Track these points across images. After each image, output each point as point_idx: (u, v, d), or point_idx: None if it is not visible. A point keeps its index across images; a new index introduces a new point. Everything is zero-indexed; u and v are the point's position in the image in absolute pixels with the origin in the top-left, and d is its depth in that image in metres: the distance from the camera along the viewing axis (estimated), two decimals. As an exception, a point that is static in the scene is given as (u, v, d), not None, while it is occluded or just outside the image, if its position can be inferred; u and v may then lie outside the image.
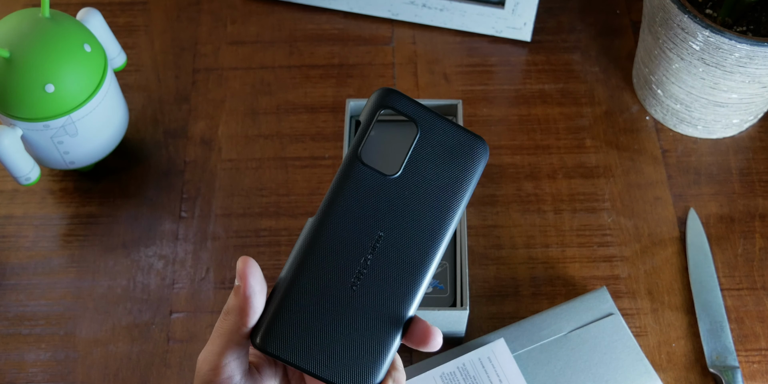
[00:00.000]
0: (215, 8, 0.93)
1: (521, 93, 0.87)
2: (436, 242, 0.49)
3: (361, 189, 0.49)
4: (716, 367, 0.71)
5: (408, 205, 0.49)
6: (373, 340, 0.48)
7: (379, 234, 0.48)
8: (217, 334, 0.48)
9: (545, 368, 0.69)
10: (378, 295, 0.48)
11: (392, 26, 0.92)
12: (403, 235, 0.49)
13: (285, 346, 0.47)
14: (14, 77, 0.71)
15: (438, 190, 0.49)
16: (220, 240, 0.79)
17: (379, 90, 0.49)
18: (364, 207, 0.48)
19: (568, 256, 0.78)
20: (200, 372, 0.48)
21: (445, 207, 0.49)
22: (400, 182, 0.49)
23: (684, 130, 0.84)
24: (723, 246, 0.78)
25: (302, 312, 0.47)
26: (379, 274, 0.48)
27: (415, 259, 0.49)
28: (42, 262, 0.79)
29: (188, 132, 0.85)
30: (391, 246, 0.48)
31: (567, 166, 0.83)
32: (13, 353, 0.74)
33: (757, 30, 0.78)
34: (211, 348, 0.48)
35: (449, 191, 0.49)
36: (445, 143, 0.49)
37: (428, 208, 0.49)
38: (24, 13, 0.73)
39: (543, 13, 0.92)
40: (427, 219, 0.49)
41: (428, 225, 0.49)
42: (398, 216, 0.49)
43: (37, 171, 0.77)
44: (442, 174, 0.49)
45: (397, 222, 0.49)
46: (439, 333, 0.48)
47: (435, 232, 0.49)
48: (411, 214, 0.49)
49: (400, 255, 0.48)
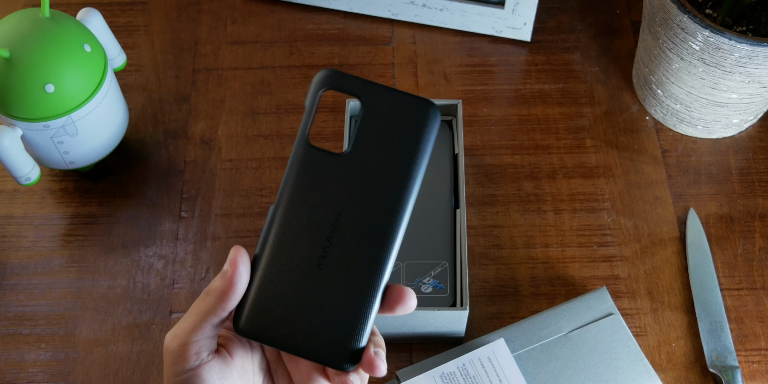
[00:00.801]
0: (215, 8, 0.93)
1: (521, 93, 0.87)
2: (399, 210, 0.49)
3: (313, 171, 0.49)
4: (716, 367, 0.71)
5: (364, 179, 0.49)
6: (351, 311, 0.49)
7: (338, 211, 0.49)
8: (192, 312, 0.49)
9: (545, 368, 0.69)
10: (347, 267, 0.49)
11: (392, 26, 0.92)
12: (363, 209, 0.49)
13: (265, 329, 0.48)
14: (14, 77, 0.71)
15: (392, 160, 0.49)
16: (220, 240, 0.79)
17: (319, 72, 0.49)
18: (318, 188, 0.49)
19: (568, 256, 0.78)
20: (169, 347, 0.49)
21: (403, 175, 0.49)
22: (352, 159, 0.49)
23: (684, 130, 0.84)
24: (723, 246, 0.78)
25: (278, 296, 0.49)
26: (345, 248, 0.49)
27: (379, 229, 0.49)
28: (42, 262, 0.79)
29: (188, 132, 0.85)
30: (353, 221, 0.49)
31: (567, 166, 0.83)
32: (13, 353, 0.74)
33: (757, 30, 0.78)
34: (184, 325, 0.49)
35: (404, 159, 0.49)
36: (393, 113, 0.49)
37: (385, 179, 0.49)
38: (24, 13, 0.73)
39: (543, 13, 0.92)
40: (385, 190, 0.49)
41: (388, 195, 0.49)
42: (356, 191, 0.49)
43: (37, 171, 0.77)
44: (394, 144, 0.49)
45: (355, 197, 0.49)
46: (413, 293, 0.49)
47: (396, 201, 0.49)
48: (368, 188, 0.49)
49: (363, 227, 0.49)
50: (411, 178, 0.49)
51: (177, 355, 0.48)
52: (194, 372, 0.48)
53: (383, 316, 0.68)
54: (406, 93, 0.49)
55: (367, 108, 0.49)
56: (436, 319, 0.69)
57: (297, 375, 0.51)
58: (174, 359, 0.49)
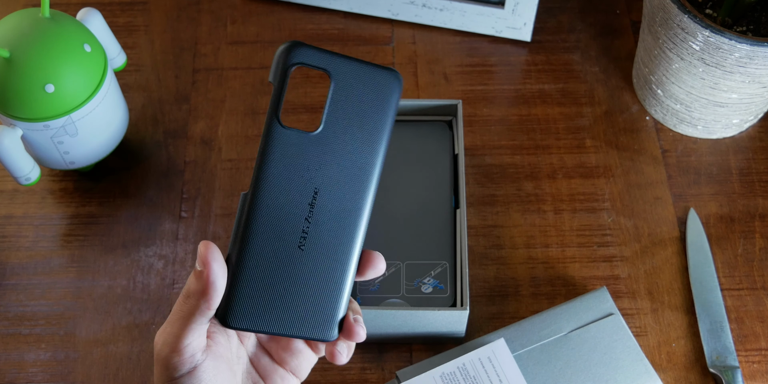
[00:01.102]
0: (215, 8, 0.93)
1: (521, 93, 0.87)
2: (368, 181, 0.50)
3: (287, 151, 0.49)
4: (716, 367, 0.71)
5: (336, 155, 0.49)
6: (330, 285, 0.50)
7: (314, 190, 0.49)
8: (177, 316, 0.48)
9: (545, 368, 0.69)
10: (325, 246, 0.49)
11: (392, 26, 0.92)
12: (337, 186, 0.49)
13: (252, 318, 0.49)
14: (14, 77, 0.71)
15: (359, 132, 0.50)
16: (220, 240, 0.79)
17: (283, 45, 0.49)
18: (294, 168, 0.49)
19: (568, 256, 0.78)
20: (161, 354, 0.49)
21: (369, 145, 0.50)
22: (324, 136, 0.49)
23: (684, 130, 0.84)
24: (723, 246, 0.78)
25: (260, 283, 0.49)
26: (323, 227, 0.49)
27: (352, 203, 0.50)
28: (42, 262, 0.79)
29: (188, 132, 0.85)
30: (329, 198, 0.49)
31: (567, 166, 0.83)
32: (13, 353, 0.74)
33: (757, 30, 0.78)
34: (171, 330, 0.48)
35: (370, 129, 0.50)
36: (359, 85, 0.49)
37: (354, 152, 0.50)
38: (24, 13, 0.73)
39: (543, 13, 0.92)
40: (355, 163, 0.50)
41: (358, 168, 0.50)
42: (329, 169, 0.49)
43: (37, 171, 0.77)
44: (360, 116, 0.49)
45: (329, 175, 0.49)
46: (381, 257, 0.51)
47: (365, 172, 0.50)
48: (341, 164, 0.49)
49: (338, 204, 0.50)
50: (377, 147, 0.50)
51: (169, 362, 0.48)
52: (191, 374, 0.48)
53: (383, 317, 0.68)
54: (371, 64, 0.50)
55: (337, 83, 0.49)
56: (436, 319, 0.69)
57: (279, 351, 0.52)
58: (166, 365, 0.48)
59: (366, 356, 0.73)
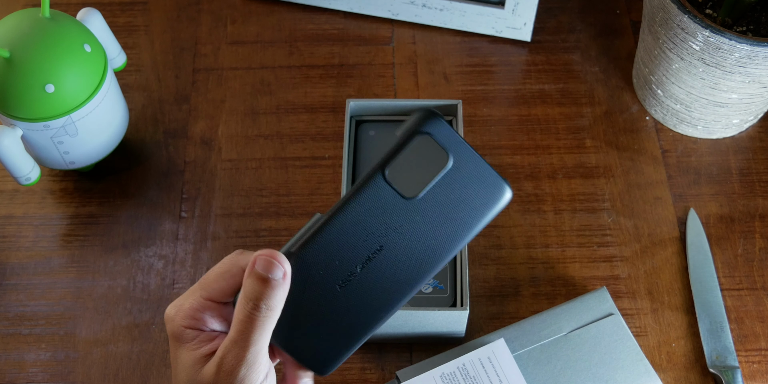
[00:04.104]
0: (215, 8, 0.93)
1: (521, 93, 0.87)
2: (429, 266, 0.51)
3: (375, 202, 0.50)
4: (716, 367, 0.71)
5: (416, 228, 0.50)
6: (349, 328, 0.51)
7: (378, 247, 0.50)
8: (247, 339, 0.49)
9: (545, 368, 0.69)
10: (361, 297, 0.51)
11: (392, 26, 0.92)
12: (400, 255, 0.51)
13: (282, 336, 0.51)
14: (14, 77, 0.71)
15: (449, 223, 0.50)
16: (220, 240, 0.79)
17: (423, 112, 0.50)
18: (372, 218, 0.50)
19: (568, 256, 0.78)
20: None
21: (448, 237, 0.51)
22: (416, 207, 0.50)
23: (684, 130, 0.84)
24: (723, 246, 0.78)
25: (290, 299, 0.50)
26: (366, 284, 0.51)
27: (404, 276, 0.51)
28: (42, 262, 0.79)
29: (188, 132, 0.85)
30: (386, 261, 0.51)
31: (567, 166, 0.83)
32: (13, 353, 0.74)
33: (757, 30, 0.78)
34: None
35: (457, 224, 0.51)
36: (471, 180, 0.50)
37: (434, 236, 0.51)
38: (24, 13, 0.73)
39: (543, 13, 0.92)
40: (428, 246, 0.51)
41: (428, 252, 0.51)
42: (403, 236, 0.50)
43: (37, 171, 0.77)
44: (458, 208, 0.50)
45: (399, 241, 0.51)
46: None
47: (431, 258, 0.51)
48: (416, 238, 0.51)
49: (391, 272, 0.51)
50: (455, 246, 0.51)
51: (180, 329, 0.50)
52: None
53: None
54: (490, 166, 0.50)
55: (453, 167, 0.50)
56: (436, 319, 0.69)
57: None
58: None
59: (366, 356, 0.73)
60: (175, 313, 0.50)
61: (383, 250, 0.50)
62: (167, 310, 0.51)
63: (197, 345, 0.50)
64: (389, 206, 0.50)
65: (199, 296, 0.51)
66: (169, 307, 0.51)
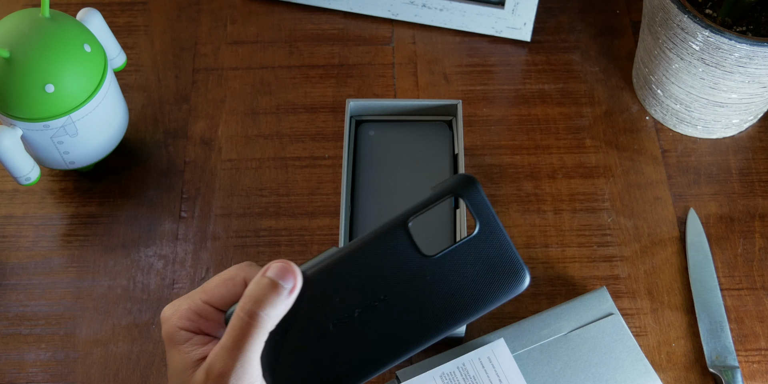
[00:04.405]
0: (215, 8, 0.93)
1: (521, 93, 0.87)
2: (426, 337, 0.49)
3: (391, 249, 0.49)
4: (716, 367, 0.71)
5: (423, 288, 0.49)
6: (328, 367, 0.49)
7: (382, 296, 0.49)
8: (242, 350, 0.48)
9: (545, 368, 0.69)
10: (350, 340, 0.49)
11: (392, 26, 0.92)
12: (400, 311, 0.49)
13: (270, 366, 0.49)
14: (14, 77, 0.71)
15: (459, 293, 0.49)
16: (220, 240, 0.79)
17: (463, 176, 0.49)
18: (383, 265, 0.49)
19: (568, 256, 0.78)
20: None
21: (456, 311, 0.49)
22: (430, 265, 0.49)
23: (684, 130, 0.84)
24: (723, 246, 0.78)
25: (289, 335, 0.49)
26: (360, 331, 0.49)
27: (396, 339, 0.49)
28: (42, 262, 0.79)
29: (188, 132, 0.85)
30: (384, 313, 0.49)
31: (567, 166, 0.83)
32: (13, 353, 0.74)
33: (757, 30, 0.78)
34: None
35: (469, 300, 0.49)
36: (492, 255, 0.49)
37: (440, 301, 0.49)
38: (24, 13, 0.73)
39: (543, 13, 0.92)
40: (433, 310, 0.49)
41: (427, 318, 0.49)
42: (408, 292, 0.49)
43: (37, 171, 0.77)
44: (471, 282, 0.49)
45: (403, 296, 0.49)
46: None
47: (432, 327, 0.49)
48: (420, 299, 0.49)
49: (386, 327, 0.49)
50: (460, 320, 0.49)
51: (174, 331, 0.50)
52: None
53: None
54: (514, 248, 0.49)
55: (477, 236, 0.49)
56: (436, 319, 0.69)
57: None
58: None
59: (366, 356, 0.73)
60: (172, 313, 0.50)
61: (385, 300, 0.49)
62: (164, 310, 0.51)
63: (189, 348, 0.50)
64: (403, 258, 0.49)
65: (198, 299, 0.50)
66: (167, 307, 0.51)
